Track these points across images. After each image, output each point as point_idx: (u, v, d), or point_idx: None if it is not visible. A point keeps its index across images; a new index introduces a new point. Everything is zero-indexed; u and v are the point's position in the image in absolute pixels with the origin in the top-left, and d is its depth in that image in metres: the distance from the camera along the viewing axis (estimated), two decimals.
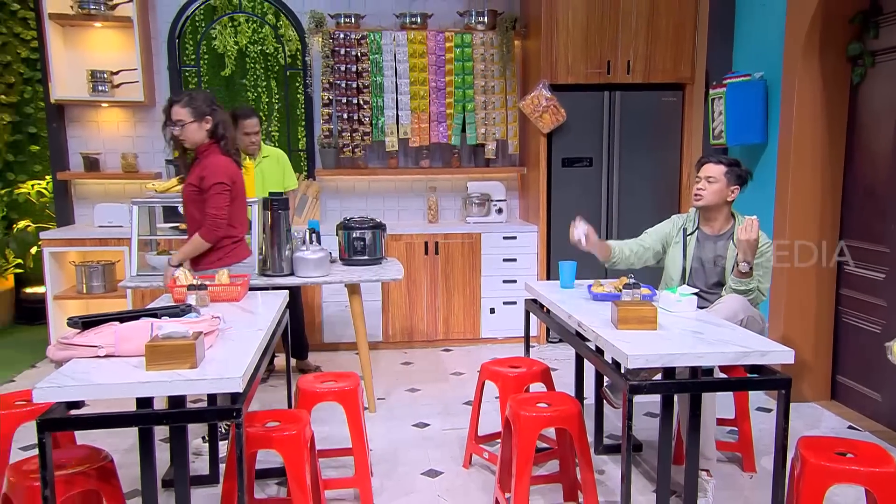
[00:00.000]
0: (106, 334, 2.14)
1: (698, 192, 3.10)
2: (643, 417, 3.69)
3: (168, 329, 2.07)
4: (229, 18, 5.16)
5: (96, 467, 2.14)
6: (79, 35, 5.00)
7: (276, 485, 2.98)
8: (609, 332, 2.40)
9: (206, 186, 3.18)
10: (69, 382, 1.91)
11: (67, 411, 1.96)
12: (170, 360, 1.98)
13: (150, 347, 1.98)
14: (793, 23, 3.80)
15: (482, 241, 5.04)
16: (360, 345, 3.80)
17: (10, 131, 5.74)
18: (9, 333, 5.49)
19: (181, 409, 2.01)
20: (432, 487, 2.96)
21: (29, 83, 5.71)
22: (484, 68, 5.16)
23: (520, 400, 2.59)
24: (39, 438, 1.86)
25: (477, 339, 5.12)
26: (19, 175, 5.84)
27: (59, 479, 2.01)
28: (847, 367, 3.86)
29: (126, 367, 2.03)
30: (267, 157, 4.29)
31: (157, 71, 5.12)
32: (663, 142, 4.98)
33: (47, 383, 1.89)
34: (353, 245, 3.95)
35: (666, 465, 2.38)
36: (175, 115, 3.16)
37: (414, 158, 5.39)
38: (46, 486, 1.89)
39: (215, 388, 1.97)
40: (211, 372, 1.99)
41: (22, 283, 5.86)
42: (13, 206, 5.85)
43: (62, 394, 1.90)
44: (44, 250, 4.70)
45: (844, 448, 2.22)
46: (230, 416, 1.98)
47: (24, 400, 2.60)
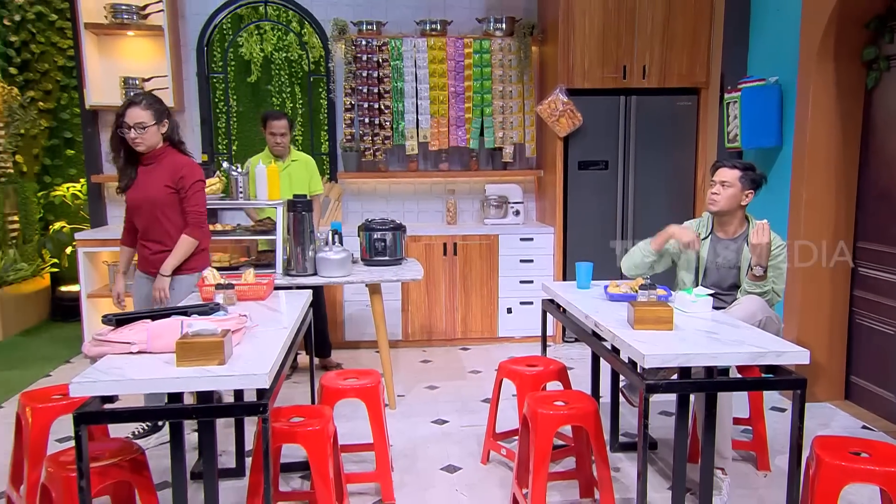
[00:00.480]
0: (138, 331, 2.16)
1: (713, 197, 3.06)
2: (658, 416, 3.66)
3: (197, 327, 2.08)
4: (255, 26, 5.20)
5: (129, 459, 2.16)
6: (112, 44, 5.07)
7: (300, 478, 2.99)
8: (626, 332, 2.39)
9: (187, 185, 3.09)
10: (104, 377, 1.94)
11: (102, 405, 1.99)
12: (199, 357, 2.00)
13: (181, 344, 2.00)
14: (808, 27, 3.75)
15: (499, 242, 5.03)
16: (380, 343, 3.81)
17: (47, 136, 5.84)
18: (45, 330, 5.57)
19: (210, 404, 2.03)
20: (451, 482, 2.96)
21: (65, 90, 5.80)
22: (502, 73, 5.15)
23: (537, 398, 2.58)
24: (76, 431, 1.89)
25: (494, 338, 5.12)
26: (55, 178, 5.93)
27: (93, 471, 2.04)
28: (861, 368, 3.80)
29: (158, 363, 2.05)
30: (295, 161, 4.32)
31: (187, 77, 5.17)
32: (678, 145, 4.94)
33: (83, 378, 1.92)
34: (375, 246, 3.96)
35: (682, 463, 2.36)
36: (136, 118, 2.97)
37: (433, 162, 5.40)
38: (82, 476, 1.91)
39: (243, 384, 1.98)
40: (238, 368, 2.00)
41: (57, 281, 5.95)
42: (49, 208, 5.94)
43: (97, 388, 1.92)
44: (78, 250, 4.77)
45: (859, 448, 2.19)
46: (257, 412, 2.00)
47: (60, 394, 2.64)
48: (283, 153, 4.27)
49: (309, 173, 4.38)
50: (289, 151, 4.31)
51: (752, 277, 2.90)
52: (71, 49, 5.57)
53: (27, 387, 4.18)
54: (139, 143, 3.01)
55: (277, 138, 4.19)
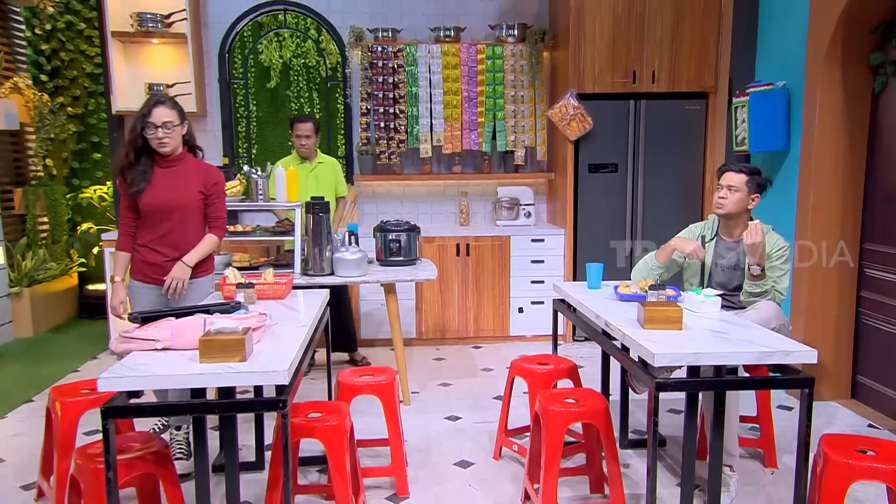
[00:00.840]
0: (163, 329, 2.18)
1: (720, 201, 3.04)
2: (666, 414, 3.64)
3: (219, 325, 2.10)
4: (275, 34, 5.23)
5: (153, 452, 2.19)
6: (138, 51, 5.12)
7: (318, 472, 3.00)
8: (636, 332, 2.38)
9: (219, 191, 3.04)
10: (130, 373, 1.96)
11: (128, 400, 2.01)
12: (221, 354, 2.01)
13: (204, 342, 2.01)
14: (815, 33, 3.71)
15: (511, 243, 5.02)
16: (395, 341, 3.82)
17: (75, 141, 5.90)
18: (73, 327, 5.63)
19: (231, 400, 2.05)
20: (464, 477, 2.96)
21: (93, 96, 5.86)
22: (514, 79, 5.15)
23: (549, 395, 2.58)
24: (103, 424, 1.91)
25: (506, 336, 5.11)
26: (83, 181, 6.00)
27: (120, 463, 2.06)
28: (867, 368, 3.76)
29: (181, 359, 2.07)
30: (322, 164, 4.35)
31: (209, 83, 5.21)
32: (687, 148, 4.91)
33: (110, 374, 1.94)
34: (390, 247, 3.97)
35: (691, 459, 2.34)
36: (164, 117, 2.83)
37: (447, 165, 5.40)
38: (109, 468, 1.93)
39: (263, 380, 1.99)
40: (259, 365, 2.02)
41: (85, 280, 6.01)
42: (77, 210, 6.01)
43: (124, 384, 1.94)
44: (105, 250, 4.82)
45: (866, 446, 2.17)
46: (276, 407, 2.01)
47: (88, 388, 2.67)
48: (309, 155, 4.30)
49: (335, 175, 4.41)
50: (315, 154, 4.34)
51: (750, 277, 2.89)
52: (98, 56, 5.63)
53: (56, 381, 4.24)
54: (166, 142, 2.85)
55: (303, 140, 4.23)
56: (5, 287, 5.16)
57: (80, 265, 5.96)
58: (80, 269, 5.96)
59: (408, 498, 2.76)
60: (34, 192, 5.57)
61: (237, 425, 2.52)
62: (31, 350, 4.94)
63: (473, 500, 2.75)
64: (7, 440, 3.38)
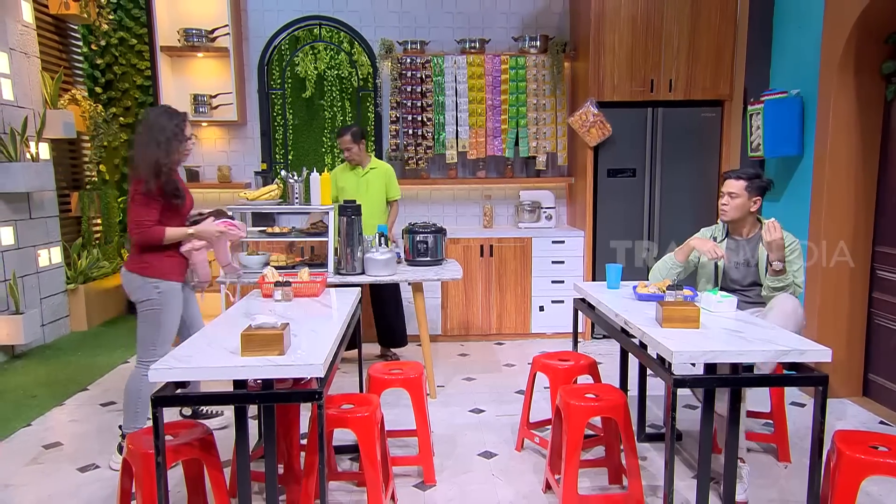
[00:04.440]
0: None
1: (723, 208, 3.05)
2: (682, 409, 3.59)
3: (260, 320, 2.12)
4: (310, 47, 5.27)
5: (198, 439, 2.21)
6: (184, 64, 5.21)
7: (350, 460, 3.02)
8: (654, 330, 2.35)
9: None
10: (177, 365, 1.98)
11: (175, 390, 2.04)
12: (262, 348, 2.04)
13: (245, 336, 2.04)
14: (829, 42, 3.64)
15: (533, 244, 5.00)
16: (422, 337, 3.83)
17: (126, 148, 6.01)
18: (123, 322, 5.74)
19: (271, 391, 2.06)
20: (488, 467, 2.95)
21: (142, 106, 5.96)
22: (536, 87, 5.13)
23: (569, 390, 2.56)
24: (153, 412, 1.95)
25: (527, 333, 5.09)
26: None
27: (168, 448, 2.10)
28: (879, 366, 3.67)
29: (224, 353, 2.09)
30: (374, 169, 4.38)
31: (249, 94, 5.28)
32: (703, 154, 4.84)
33: (159, 366, 1.97)
34: (417, 247, 3.98)
35: (707, 453, 2.31)
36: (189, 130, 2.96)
37: (471, 169, 5.39)
38: (159, 453, 1.97)
39: (301, 373, 2.01)
40: (297, 358, 2.03)
41: None
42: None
43: (172, 374, 1.97)
44: None
45: (879, 442, 2.12)
46: (313, 398, 2.03)
47: None
48: (358, 162, 4.33)
49: (386, 180, 4.41)
50: (368, 160, 4.37)
51: (772, 273, 2.86)
52: (148, 70, 5.73)
53: (109, 371, 4.32)
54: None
55: (345, 152, 4.28)
56: (62, 284, 5.28)
57: None
58: None
59: (434, 486, 2.76)
60: (89, 196, 5.69)
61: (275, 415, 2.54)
62: (85, 342, 5.05)
63: (497, 489, 2.74)
64: (65, 426, 3.45)
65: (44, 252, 5.04)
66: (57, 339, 5.12)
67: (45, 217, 5.10)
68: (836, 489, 2.06)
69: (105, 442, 3.21)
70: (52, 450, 3.15)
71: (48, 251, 5.10)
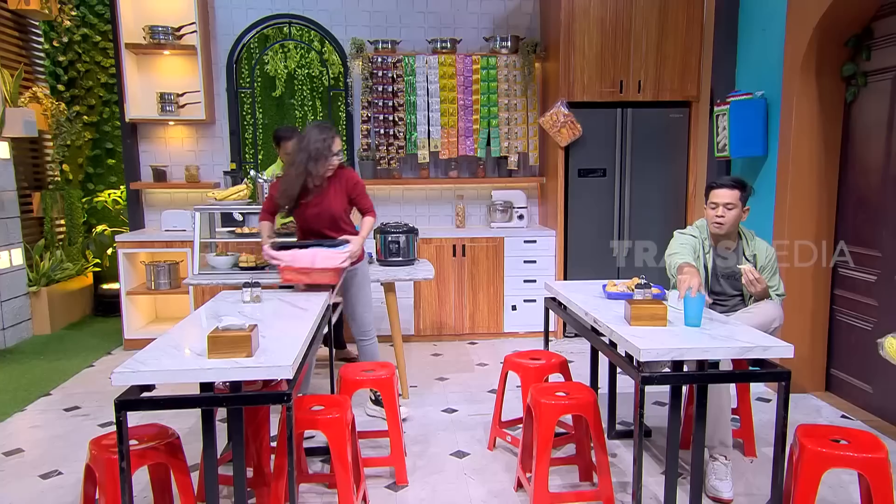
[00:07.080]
0: (285, 254, 2.96)
1: (718, 220, 2.90)
2: (652, 406, 3.64)
3: (227, 322, 2.10)
4: (280, 45, 5.22)
5: (165, 443, 2.17)
6: (150, 62, 5.11)
7: (321, 462, 3.00)
8: (623, 328, 2.38)
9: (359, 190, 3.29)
10: (142, 368, 1.95)
11: (140, 393, 2.00)
12: (229, 350, 2.01)
13: (212, 338, 2.01)
14: (791, 45, 3.72)
15: (505, 244, 5.02)
16: (394, 337, 3.82)
17: (90, 147, 5.89)
18: (88, 324, 5.61)
19: (238, 393, 2.04)
20: (460, 467, 2.96)
21: (107, 105, 5.85)
22: (507, 88, 5.15)
23: (540, 389, 2.58)
24: (117, 417, 1.90)
25: (500, 333, 5.11)
26: (98, 185, 5.98)
27: (133, 453, 2.05)
28: (841, 362, 3.77)
29: (191, 355, 2.06)
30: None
31: (217, 93, 5.20)
32: (671, 154, 4.92)
33: (123, 368, 1.93)
34: (389, 247, 3.97)
35: (675, 449, 2.34)
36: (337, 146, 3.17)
37: (443, 169, 5.40)
38: (123, 458, 1.92)
39: (269, 375, 1.98)
40: (265, 360, 2.01)
41: (99, 280, 6.00)
42: (93, 213, 5.99)
43: (136, 378, 1.93)
44: (118, 251, 4.81)
45: (839, 436, 2.17)
46: (282, 400, 2.01)
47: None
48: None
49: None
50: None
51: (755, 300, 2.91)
52: (113, 67, 5.62)
53: (73, 376, 4.22)
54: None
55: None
56: (24, 286, 5.15)
57: (95, 265, 5.94)
58: (94, 270, 5.94)
59: (407, 486, 2.76)
60: (52, 196, 5.56)
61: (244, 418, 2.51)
62: (48, 346, 4.92)
63: (469, 488, 2.75)
64: (26, 432, 3.37)
65: (4, 254, 4.90)
66: (18, 342, 4.99)
67: (5, 218, 4.96)
68: (799, 482, 2.12)
69: (69, 447, 3.14)
70: (13, 457, 3.07)
71: (9, 253, 4.96)
